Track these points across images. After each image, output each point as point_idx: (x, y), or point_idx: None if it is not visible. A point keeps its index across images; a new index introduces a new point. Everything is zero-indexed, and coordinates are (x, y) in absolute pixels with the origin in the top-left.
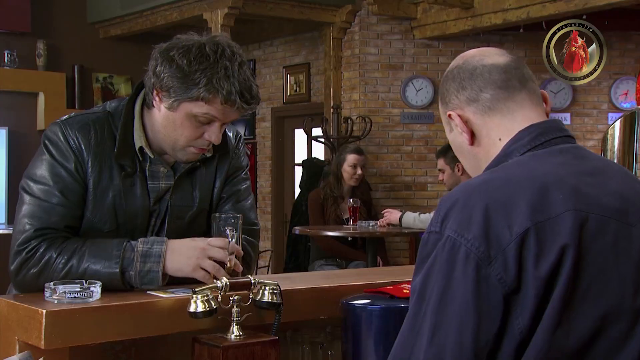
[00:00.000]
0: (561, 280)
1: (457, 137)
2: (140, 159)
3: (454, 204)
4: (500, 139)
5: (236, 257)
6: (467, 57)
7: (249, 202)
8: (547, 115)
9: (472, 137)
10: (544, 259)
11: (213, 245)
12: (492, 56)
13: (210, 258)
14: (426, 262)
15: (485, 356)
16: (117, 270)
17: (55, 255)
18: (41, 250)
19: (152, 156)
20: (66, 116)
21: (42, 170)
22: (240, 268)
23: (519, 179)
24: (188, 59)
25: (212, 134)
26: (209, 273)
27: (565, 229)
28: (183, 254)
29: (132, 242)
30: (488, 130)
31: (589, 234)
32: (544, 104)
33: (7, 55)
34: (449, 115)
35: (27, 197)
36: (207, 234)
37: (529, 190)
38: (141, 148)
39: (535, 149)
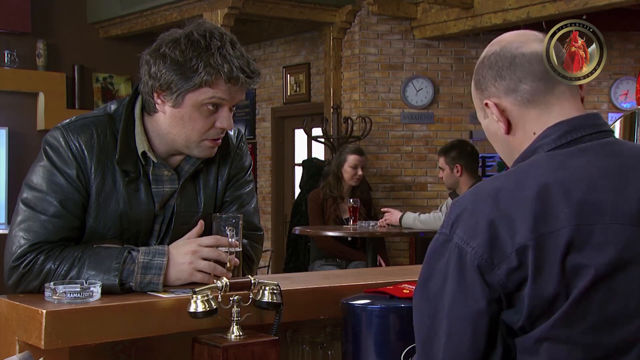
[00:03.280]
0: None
1: (492, 125)
2: (143, 163)
3: (463, 211)
4: (534, 133)
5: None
6: (504, 44)
7: (253, 206)
8: (582, 99)
9: (509, 126)
10: (543, 271)
11: (204, 245)
12: (530, 43)
13: (203, 258)
14: (434, 260)
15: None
16: (117, 282)
17: (54, 267)
18: (39, 262)
19: (155, 160)
20: (67, 120)
21: (40, 178)
22: (237, 262)
23: (528, 188)
24: (180, 49)
25: (223, 120)
26: (207, 274)
27: (565, 243)
28: (178, 262)
29: (133, 252)
30: (524, 122)
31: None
32: (579, 89)
33: (7, 55)
34: (486, 104)
35: (23, 207)
36: None
37: (535, 202)
38: (144, 152)
39: (559, 148)
